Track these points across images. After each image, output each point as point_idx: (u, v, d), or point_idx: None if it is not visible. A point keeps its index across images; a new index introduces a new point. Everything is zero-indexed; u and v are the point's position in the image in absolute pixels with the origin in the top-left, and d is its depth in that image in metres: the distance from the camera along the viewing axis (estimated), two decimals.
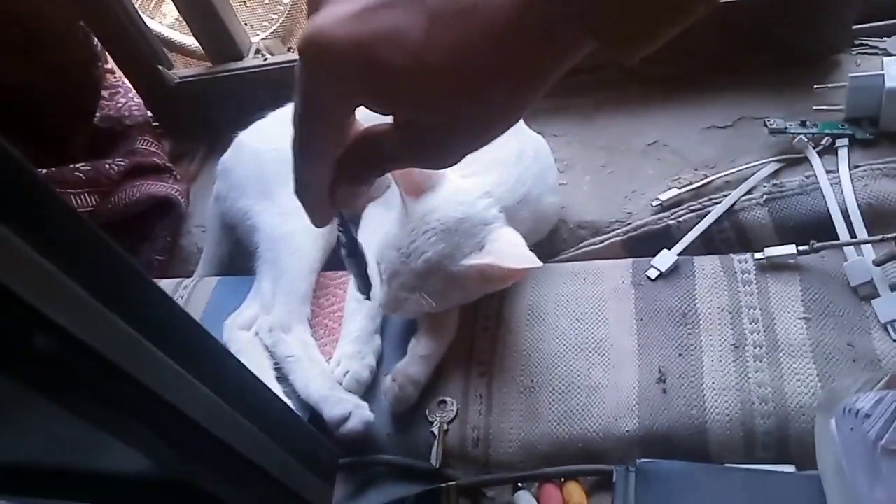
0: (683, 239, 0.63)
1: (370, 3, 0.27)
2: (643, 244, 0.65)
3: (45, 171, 0.82)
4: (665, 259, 0.61)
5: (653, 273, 0.61)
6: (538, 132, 0.71)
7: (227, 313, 0.69)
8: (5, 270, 0.20)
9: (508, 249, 0.55)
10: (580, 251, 0.67)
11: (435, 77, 0.27)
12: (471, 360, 0.60)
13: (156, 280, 0.77)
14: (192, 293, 0.75)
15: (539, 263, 0.54)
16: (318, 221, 0.34)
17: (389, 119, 0.30)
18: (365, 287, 0.45)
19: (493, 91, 0.27)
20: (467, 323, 0.62)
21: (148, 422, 0.26)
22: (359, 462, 0.56)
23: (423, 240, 0.55)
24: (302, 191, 0.33)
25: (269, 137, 0.72)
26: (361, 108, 0.30)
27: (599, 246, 0.66)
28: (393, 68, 0.27)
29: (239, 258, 0.77)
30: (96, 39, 0.92)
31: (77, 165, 0.82)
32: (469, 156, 0.31)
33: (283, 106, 0.73)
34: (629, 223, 0.67)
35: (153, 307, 0.27)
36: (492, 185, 0.59)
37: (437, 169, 0.34)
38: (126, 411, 0.25)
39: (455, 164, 0.31)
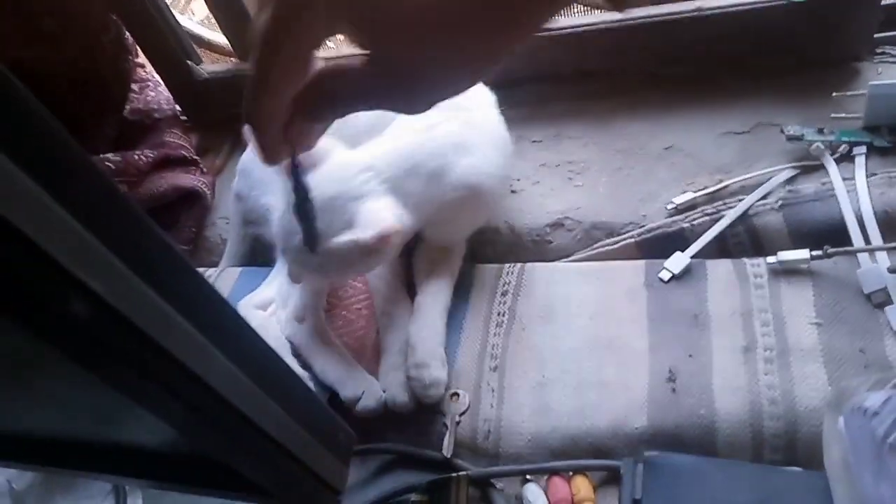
0: (697, 242, 0.63)
1: None
2: (657, 246, 0.65)
3: None
4: (678, 261, 0.62)
5: (665, 275, 0.62)
6: (555, 134, 0.72)
7: None
8: (46, 236, 0.21)
9: (367, 219, 0.53)
10: (594, 251, 0.68)
11: (420, 11, 0.26)
12: (484, 355, 0.61)
13: None
14: (215, 283, 0.77)
15: (393, 226, 0.51)
16: (269, 159, 0.33)
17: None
18: (311, 240, 0.46)
19: (473, 37, 0.27)
20: (481, 318, 0.63)
21: (172, 390, 0.27)
22: (372, 449, 0.57)
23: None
24: (256, 123, 0.31)
25: None
26: None
27: (614, 247, 0.67)
28: None
29: (261, 251, 0.78)
30: (128, 34, 0.95)
31: (107, 155, 0.84)
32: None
33: None
34: (643, 225, 0.67)
35: (183, 280, 0.28)
36: (376, 158, 0.56)
37: (404, 113, 0.31)
38: (152, 379, 0.27)
39: (422, 111, 0.30)
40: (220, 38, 1.07)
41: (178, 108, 1.02)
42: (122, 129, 0.98)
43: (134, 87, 1.03)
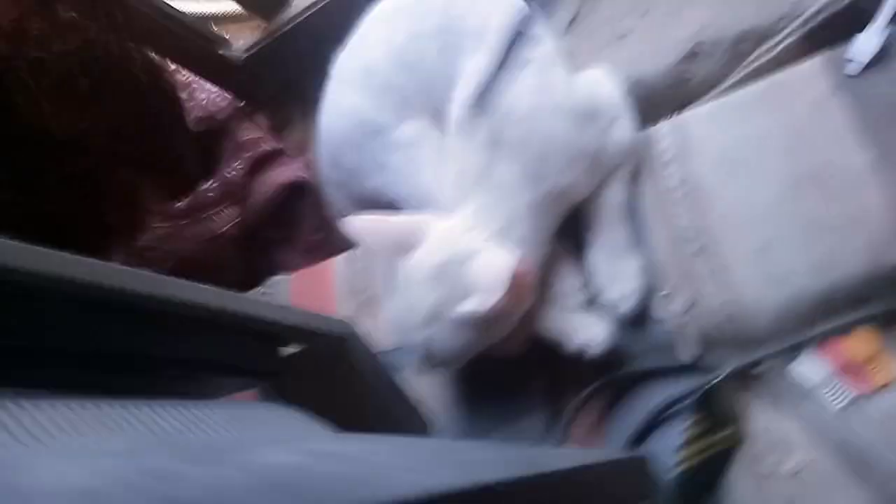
0: (883, 10, 0.51)
1: None
2: (827, 36, 0.54)
3: (181, 203, 0.83)
4: (864, 45, 0.51)
5: (854, 67, 0.51)
6: None
7: None
8: None
9: (484, 285, 0.48)
10: (750, 69, 0.58)
11: None
12: (678, 242, 0.56)
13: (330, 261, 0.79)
14: (366, 255, 0.75)
15: (513, 270, 0.47)
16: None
17: None
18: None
19: None
20: (656, 204, 0.57)
21: None
22: (612, 379, 0.56)
23: (415, 295, 0.51)
24: None
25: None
26: None
27: (772, 54, 0.56)
28: None
29: None
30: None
31: (206, 186, 0.83)
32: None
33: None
34: (801, 14, 0.55)
35: None
36: (472, 212, 0.52)
37: None
38: None
39: None
40: (232, 6, 0.97)
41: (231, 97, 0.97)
42: (198, 145, 0.96)
43: (183, 95, 0.98)
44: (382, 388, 0.55)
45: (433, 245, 0.52)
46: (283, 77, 0.89)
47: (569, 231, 0.58)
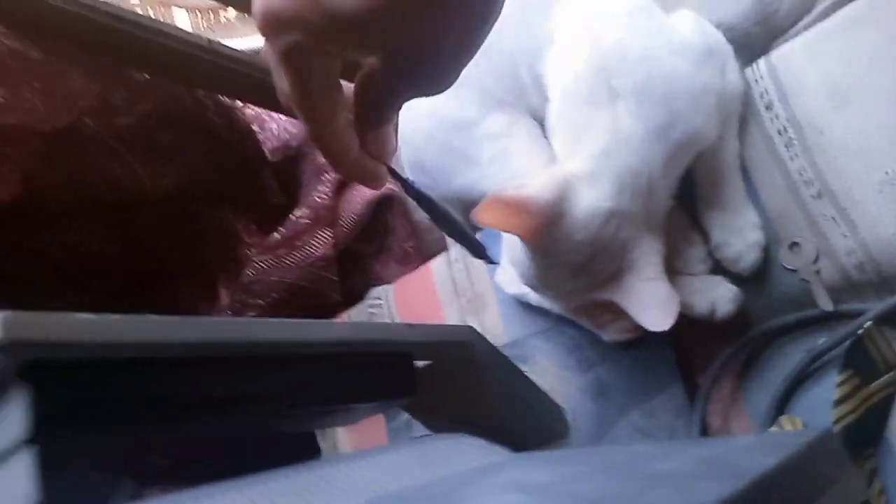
0: None
1: None
2: None
3: (277, 235, 0.86)
4: None
5: None
6: None
7: None
8: None
9: (644, 299, 0.48)
10: None
11: (384, 12, 0.27)
12: (795, 187, 0.52)
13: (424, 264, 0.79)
14: (466, 256, 0.75)
15: (670, 319, 0.46)
16: (371, 182, 0.37)
17: None
18: (476, 247, 0.42)
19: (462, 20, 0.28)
20: (764, 150, 0.54)
21: None
22: (746, 341, 0.54)
23: (552, 278, 0.51)
24: (334, 161, 0.35)
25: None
26: None
27: None
28: (347, 11, 0.27)
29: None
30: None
31: (296, 215, 0.85)
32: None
33: None
34: None
35: None
36: (610, 194, 0.48)
37: (434, 93, 0.33)
38: None
39: (452, 82, 0.32)
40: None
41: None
42: (278, 175, 0.98)
43: (254, 128, 1.01)
44: (517, 388, 0.55)
45: (570, 235, 0.49)
46: None
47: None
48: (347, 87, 0.34)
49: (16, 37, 0.64)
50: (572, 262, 0.49)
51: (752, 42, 0.57)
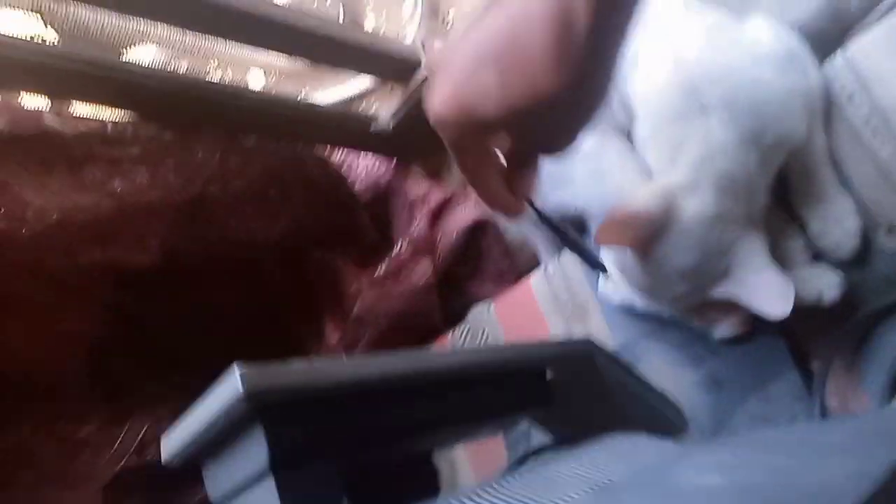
0: None
1: (457, 77, 0.38)
2: None
3: (381, 270, 0.93)
4: None
5: None
6: None
7: None
8: None
9: (760, 290, 0.52)
10: None
11: (520, 110, 0.37)
12: (885, 173, 0.55)
13: (526, 280, 0.84)
14: (563, 268, 0.80)
15: (789, 304, 0.50)
16: (511, 215, 0.45)
17: None
18: (593, 261, 0.46)
19: (565, 95, 0.36)
20: (855, 144, 0.57)
21: None
22: (856, 323, 0.56)
23: (665, 284, 0.55)
24: (490, 205, 0.45)
25: None
26: None
27: None
28: (490, 117, 0.38)
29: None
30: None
31: (398, 249, 0.92)
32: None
33: None
34: None
35: None
36: (712, 200, 0.52)
37: (558, 149, 0.42)
38: None
39: (572, 142, 0.41)
40: (363, 82, 1.06)
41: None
42: (371, 212, 1.06)
43: (344, 170, 1.09)
44: (636, 389, 0.59)
45: (680, 242, 0.53)
46: (429, 130, 0.96)
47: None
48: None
49: (152, 124, 0.73)
50: (683, 266, 0.53)
51: (825, 37, 0.61)
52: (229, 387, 0.34)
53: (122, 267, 0.82)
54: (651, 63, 0.57)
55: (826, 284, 0.56)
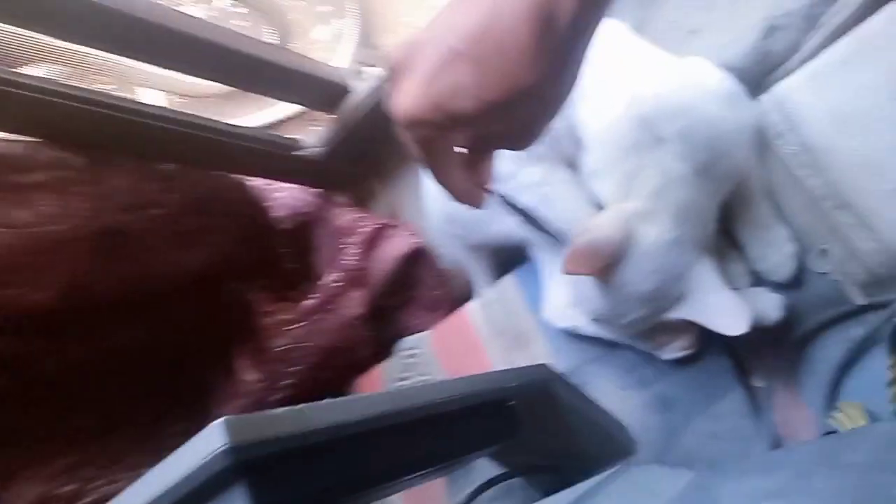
0: None
1: (427, 73, 0.37)
2: None
3: (311, 301, 0.88)
4: None
5: None
6: None
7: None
8: None
9: (719, 310, 0.55)
10: (831, 29, 0.61)
11: (497, 104, 0.37)
12: (814, 202, 0.59)
13: (462, 308, 0.82)
14: (504, 297, 0.80)
15: (747, 321, 0.53)
16: (475, 203, 0.46)
17: None
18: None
19: (541, 88, 0.37)
20: (779, 172, 0.61)
21: None
22: (795, 338, 0.60)
23: (624, 308, 0.57)
24: (452, 194, 0.45)
25: None
26: None
27: (849, 10, 0.60)
28: (465, 111, 0.37)
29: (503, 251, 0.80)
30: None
31: (330, 277, 0.88)
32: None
33: None
34: None
35: None
36: (671, 226, 0.54)
37: (524, 143, 0.43)
38: None
39: (539, 135, 0.42)
40: (291, 107, 1.02)
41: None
42: (292, 242, 1.01)
43: (264, 200, 1.04)
44: (589, 413, 0.59)
45: (640, 268, 0.54)
46: (360, 157, 0.94)
47: None
48: None
49: (59, 147, 0.66)
50: (643, 291, 0.54)
51: (748, 78, 0.65)
52: (210, 438, 0.30)
53: (13, 309, 0.72)
54: (604, 94, 0.59)
55: (768, 306, 0.59)
